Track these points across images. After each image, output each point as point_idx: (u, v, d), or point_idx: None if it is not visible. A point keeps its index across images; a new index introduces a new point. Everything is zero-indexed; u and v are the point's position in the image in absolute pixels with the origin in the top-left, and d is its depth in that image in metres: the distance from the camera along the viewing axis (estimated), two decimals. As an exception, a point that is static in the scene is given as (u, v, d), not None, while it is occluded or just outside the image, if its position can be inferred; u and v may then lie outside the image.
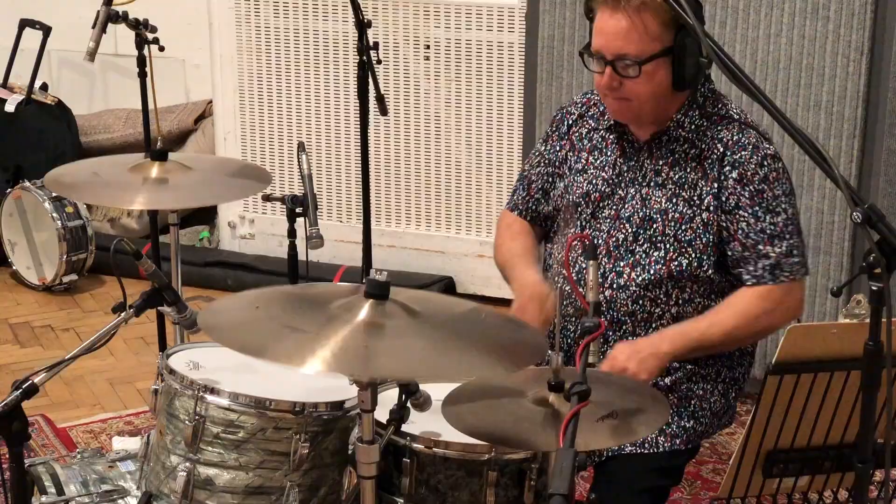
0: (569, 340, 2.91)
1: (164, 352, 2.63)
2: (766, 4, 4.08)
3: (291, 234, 3.49)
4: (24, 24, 5.67)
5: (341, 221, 5.28)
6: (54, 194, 5.16)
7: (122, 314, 2.48)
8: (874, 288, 1.94)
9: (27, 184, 5.25)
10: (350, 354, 2.16)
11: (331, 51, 5.13)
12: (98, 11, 3.48)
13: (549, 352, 2.38)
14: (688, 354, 2.80)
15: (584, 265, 2.84)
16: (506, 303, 4.83)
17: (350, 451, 2.37)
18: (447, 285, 5.17)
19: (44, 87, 5.67)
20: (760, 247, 2.77)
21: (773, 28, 4.09)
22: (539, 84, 4.44)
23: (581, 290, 2.66)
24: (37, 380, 2.33)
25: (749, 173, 2.78)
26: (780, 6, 4.07)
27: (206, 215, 5.65)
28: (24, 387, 2.31)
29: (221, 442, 2.48)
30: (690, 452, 2.85)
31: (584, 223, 2.91)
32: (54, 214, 5.17)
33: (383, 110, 3.90)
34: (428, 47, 5.01)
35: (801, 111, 4.11)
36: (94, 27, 3.46)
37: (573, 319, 2.91)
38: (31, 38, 5.64)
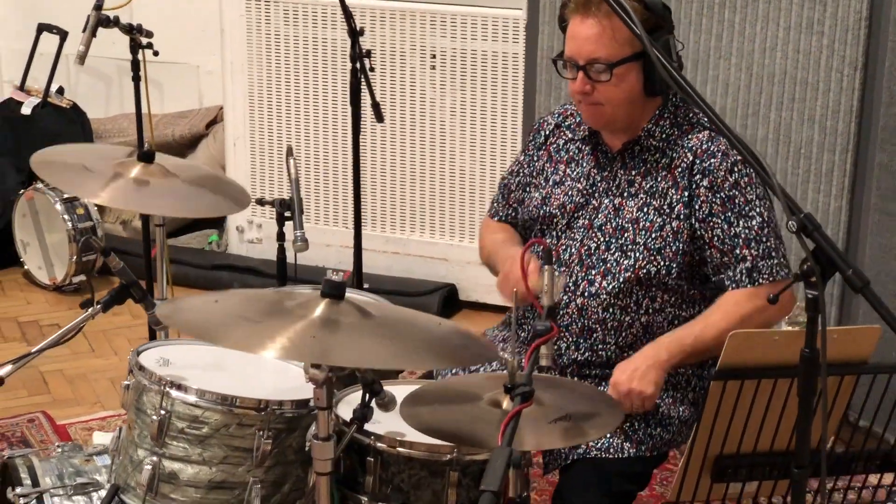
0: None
1: (134, 348, 2.69)
2: (762, 18, 4.11)
3: (280, 237, 3.56)
4: (42, 28, 5.75)
5: (347, 228, 5.33)
6: (66, 196, 5.24)
7: (90, 309, 2.54)
8: (809, 296, 1.98)
9: (40, 185, 5.33)
10: (303, 343, 2.21)
11: (339, 58, 5.18)
12: (88, 16, 3.55)
13: (506, 356, 2.42)
14: (686, 360, 2.84)
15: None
16: (508, 310, 4.92)
17: (306, 448, 2.42)
18: (449, 292, 5.21)
19: (60, 90, 5.76)
20: (737, 251, 2.80)
21: (768, 42, 4.12)
22: (538, 94, 4.49)
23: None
24: (2, 372, 2.39)
25: (719, 180, 2.81)
26: (775, 20, 4.09)
27: (215, 219, 5.72)
28: (-10, 378, 2.38)
29: (186, 437, 2.54)
30: (657, 459, 2.88)
31: (559, 233, 2.96)
32: (65, 216, 5.25)
33: (379, 117, 3.96)
34: (434, 56, 5.06)
35: (794, 125, 4.13)
36: (83, 31, 3.53)
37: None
38: (49, 42, 5.72)
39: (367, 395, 2.52)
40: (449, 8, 5.02)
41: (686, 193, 2.83)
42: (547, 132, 3.06)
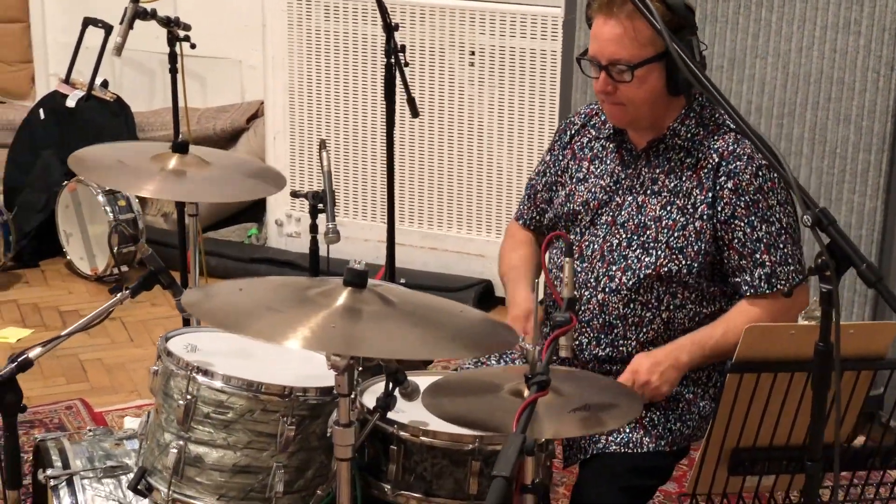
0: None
1: (164, 335, 2.74)
2: (799, 18, 4.10)
3: (313, 229, 3.59)
4: (88, 22, 5.83)
5: (384, 222, 5.36)
6: (108, 188, 5.31)
7: (119, 295, 2.59)
8: (823, 290, 1.99)
9: (83, 177, 5.40)
10: (325, 332, 2.25)
11: (378, 54, 5.21)
12: (125, 8, 3.60)
13: (527, 346, 2.45)
14: (704, 362, 2.86)
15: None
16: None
17: (328, 434, 2.46)
18: (485, 288, 5.24)
19: (104, 84, 5.83)
20: (757, 255, 2.81)
21: (804, 41, 4.12)
22: (574, 92, 4.51)
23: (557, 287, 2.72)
24: (31, 354, 2.44)
25: (744, 183, 2.82)
26: (812, 20, 4.09)
27: (255, 213, 5.78)
28: (19, 360, 2.42)
29: (211, 421, 2.57)
30: (677, 454, 2.89)
31: (582, 230, 2.97)
32: (107, 207, 5.32)
33: (414, 112, 3.98)
34: (473, 53, 5.09)
35: (830, 125, 4.13)
36: (121, 23, 3.58)
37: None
38: (94, 36, 5.80)
39: (391, 385, 2.56)
40: (488, 5, 5.06)
41: (710, 194, 2.84)
42: (572, 132, 3.08)
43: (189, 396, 2.57)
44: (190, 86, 5.56)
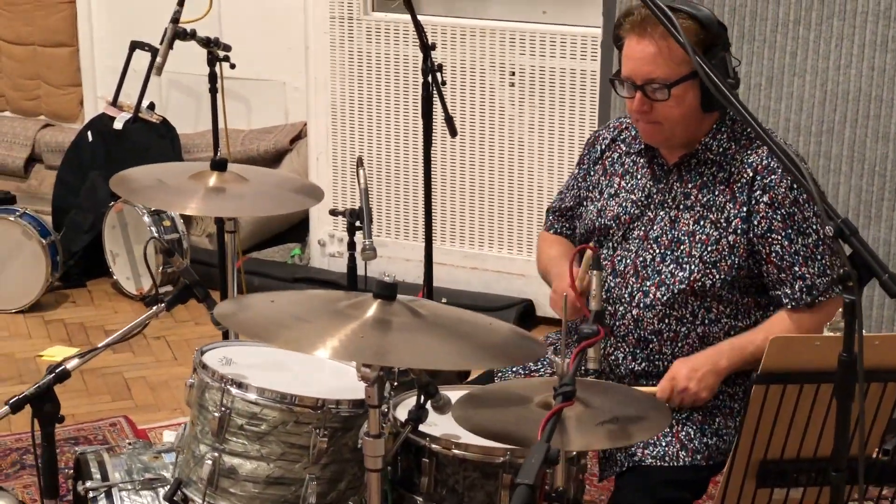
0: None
1: (200, 348, 2.78)
2: (837, 36, 4.11)
3: (351, 246, 3.63)
4: (135, 46, 5.91)
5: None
6: (153, 208, 5.38)
7: (154, 308, 2.63)
8: (847, 300, 2.00)
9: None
10: (355, 343, 2.28)
11: (419, 74, 5.25)
12: (165, 28, 3.65)
13: (556, 358, 2.46)
14: (743, 368, 2.87)
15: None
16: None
17: (359, 446, 2.48)
18: (526, 308, 5.26)
19: (151, 106, 5.91)
20: (796, 268, 2.82)
21: (842, 59, 4.12)
22: (613, 111, 4.53)
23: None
24: (69, 366, 2.49)
25: (780, 197, 2.83)
26: (850, 38, 4.09)
27: (299, 233, 5.83)
28: (56, 371, 2.47)
29: (245, 433, 2.61)
30: (712, 469, 2.89)
31: (615, 245, 2.99)
32: (152, 227, 5.38)
33: (453, 131, 4.01)
34: (513, 74, 5.12)
35: (869, 142, 4.12)
36: (160, 43, 3.63)
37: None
38: (141, 59, 5.89)
39: (422, 397, 2.58)
40: (528, 26, 5.09)
41: (745, 209, 2.84)
42: (603, 146, 3.10)
43: (223, 408, 2.61)
44: (235, 108, 5.65)
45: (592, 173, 3.09)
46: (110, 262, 5.64)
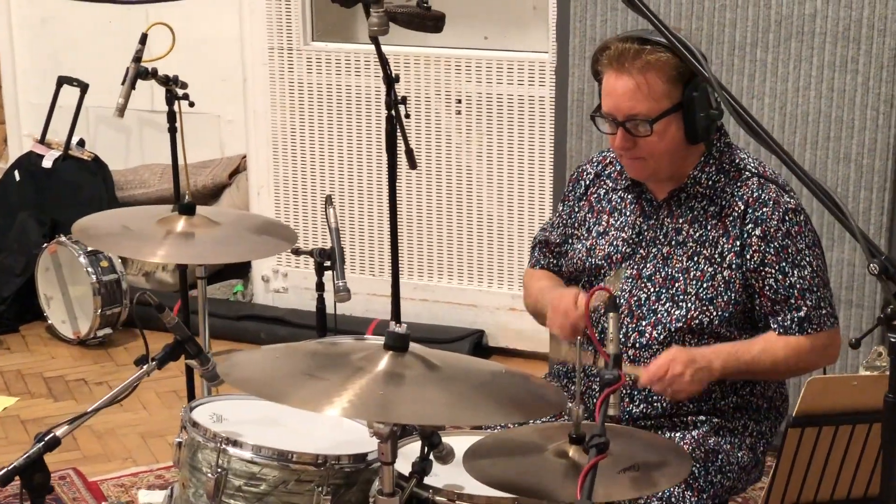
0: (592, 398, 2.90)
1: (187, 404, 2.65)
2: (795, 58, 4.08)
3: (319, 287, 3.51)
4: (62, 81, 5.75)
5: (373, 275, 5.30)
6: (89, 249, 5.22)
7: (145, 366, 2.50)
8: (893, 339, 1.93)
9: (63, 238, 5.30)
10: (368, 400, 2.18)
11: (363, 105, 5.17)
12: (128, 68, 3.53)
13: (570, 404, 2.38)
14: (734, 376, 2.82)
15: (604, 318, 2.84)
16: (538, 357, 4.88)
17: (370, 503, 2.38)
18: (478, 339, 5.17)
19: (81, 143, 5.74)
20: (792, 301, 2.78)
21: (801, 81, 4.09)
22: (569, 137, 4.45)
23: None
24: (59, 432, 2.35)
25: (772, 229, 2.78)
26: (808, 59, 4.06)
27: (240, 269, 5.68)
28: (46, 439, 2.33)
29: (244, 495, 2.49)
30: (718, 507, 2.84)
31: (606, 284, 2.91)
32: (89, 269, 5.22)
33: (412, 164, 3.91)
34: (459, 101, 5.04)
35: (830, 164, 4.10)
36: (123, 83, 3.51)
37: (596, 378, 2.90)
38: (69, 94, 5.71)
39: (426, 448, 2.48)
40: (473, 52, 5.02)
41: (738, 242, 2.79)
42: (587, 182, 3.03)
43: (220, 469, 2.49)
44: (168, 141, 5.49)
45: (578, 209, 3.02)
46: (44, 306, 5.45)
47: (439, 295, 5.25)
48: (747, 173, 2.86)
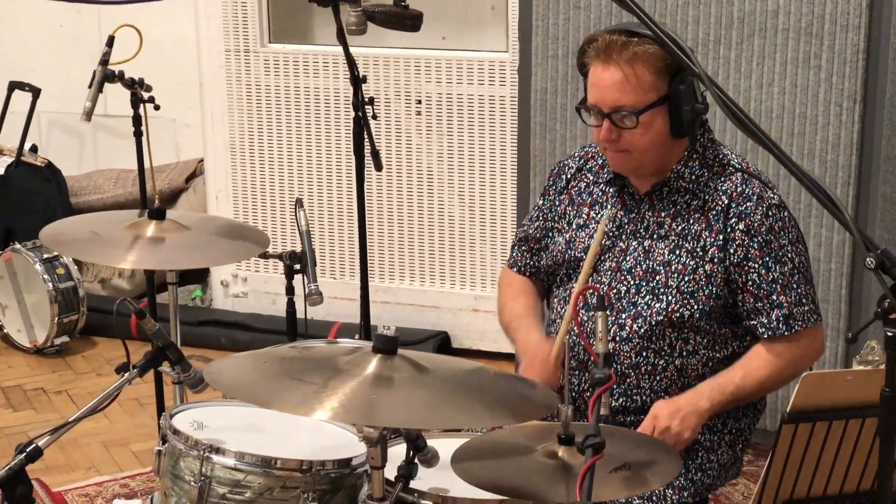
0: (573, 394, 2.89)
1: (166, 412, 2.60)
2: (758, 55, 4.09)
3: (290, 291, 3.47)
4: (14, 86, 5.66)
5: (335, 278, 5.26)
6: (45, 256, 5.14)
7: (126, 374, 2.45)
8: (889, 334, 1.93)
9: (17, 246, 5.22)
10: (357, 404, 2.15)
11: (322, 107, 5.13)
12: (94, 71, 3.48)
13: (559, 405, 2.36)
14: (725, 408, 2.81)
15: (591, 316, 2.83)
16: (502, 357, 4.86)
17: (359, 509, 2.35)
18: (442, 340, 5.14)
19: (33, 148, 5.65)
20: (773, 297, 2.77)
21: (765, 78, 4.10)
22: (533, 137, 4.44)
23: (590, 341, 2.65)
24: (41, 443, 2.30)
25: (756, 224, 2.78)
26: (771, 56, 4.08)
27: (198, 274, 5.61)
28: (27, 450, 2.28)
29: (228, 503, 2.44)
30: (698, 504, 2.83)
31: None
32: (45, 276, 5.13)
33: (378, 166, 3.89)
34: (420, 102, 5.01)
35: (795, 160, 4.09)
36: (90, 87, 3.46)
37: (577, 373, 2.89)
38: (21, 100, 5.62)
39: (411, 452, 2.45)
40: (433, 53, 4.99)
41: (721, 237, 2.79)
42: (568, 176, 3.02)
43: (203, 478, 2.44)
44: (121, 146, 5.41)
45: (558, 203, 3.00)
46: (-1, 315, 5.37)
47: (402, 297, 5.22)
48: (731, 168, 2.86)
